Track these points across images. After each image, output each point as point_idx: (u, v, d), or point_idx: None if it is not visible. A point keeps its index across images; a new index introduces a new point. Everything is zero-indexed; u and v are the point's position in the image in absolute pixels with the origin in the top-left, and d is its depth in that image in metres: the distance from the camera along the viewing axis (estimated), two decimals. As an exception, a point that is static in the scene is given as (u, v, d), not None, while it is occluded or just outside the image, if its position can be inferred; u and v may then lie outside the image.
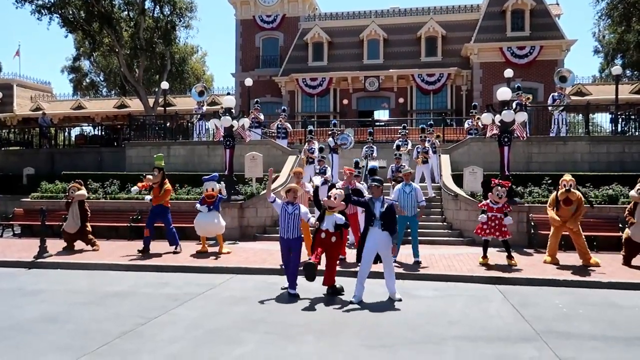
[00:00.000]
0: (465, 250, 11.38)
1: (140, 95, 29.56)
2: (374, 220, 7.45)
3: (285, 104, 28.32)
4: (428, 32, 28.34)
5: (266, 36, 31.13)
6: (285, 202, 8.07)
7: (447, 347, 5.63)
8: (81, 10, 27.93)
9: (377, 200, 7.55)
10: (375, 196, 7.60)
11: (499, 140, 12.27)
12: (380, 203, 7.51)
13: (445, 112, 26.71)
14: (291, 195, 8.08)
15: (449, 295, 7.96)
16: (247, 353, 5.46)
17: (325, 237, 7.63)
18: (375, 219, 7.44)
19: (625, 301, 7.58)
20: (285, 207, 8.01)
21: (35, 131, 24.79)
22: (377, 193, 7.60)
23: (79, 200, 11.81)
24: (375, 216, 7.44)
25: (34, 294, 8.11)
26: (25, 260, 10.48)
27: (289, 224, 7.92)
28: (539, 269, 9.48)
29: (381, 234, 7.40)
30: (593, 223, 11.32)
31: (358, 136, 20.48)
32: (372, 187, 7.69)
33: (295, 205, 8.03)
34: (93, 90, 49.44)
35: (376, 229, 7.42)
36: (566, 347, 5.58)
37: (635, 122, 17.93)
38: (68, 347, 5.59)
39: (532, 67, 25.90)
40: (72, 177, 16.30)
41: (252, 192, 13.91)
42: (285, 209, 7.99)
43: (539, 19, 26.52)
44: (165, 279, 9.05)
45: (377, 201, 7.54)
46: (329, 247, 7.66)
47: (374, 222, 7.46)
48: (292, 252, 7.97)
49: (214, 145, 17.71)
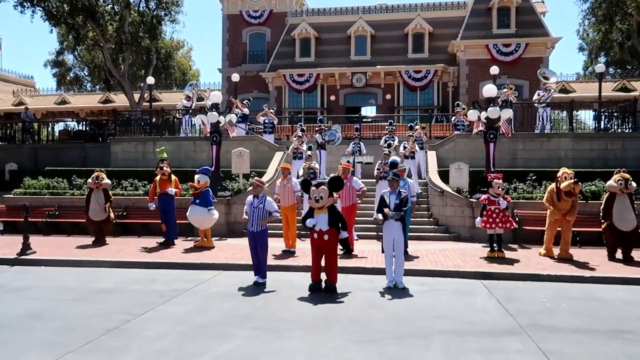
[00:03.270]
0: (451, 246, 11.48)
1: (126, 90, 29.21)
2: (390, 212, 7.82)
3: (273, 100, 28.24)
4: (415, 28, 28.44)
5: (253, 31, 30.98)
6: (252, 195, 8.12)
7: (434, 341, 5.69)
8: (65, 3, 27.47)
9: (393, 193, 7.98)
10: (392, 189, 8.05)
11: (485, 136, 12.39)
12: (395, 195, 7.94)
13: (432, 108, 26.87)
14: (256, 189, 8.21)
15: (435, 290, 8.04)
16: (235, 348, 5.47)
17: (318, 237, 7.64)
18: (391, 211, 7.82)
19: (607, 295, 7.72)
20: (251, 200, 8.08)
21: (18, 126, 24.41)
22: (394, 187, 8.04)
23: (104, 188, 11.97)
24: (391, 209, 7.83)
25: (18, 290, 8.00)
26: (8, 257, 10.32)
27: (254, 217, 8.03)
28: (524, 264, 9.61)
29: (394, 224, 7.86)
30: (576, 218, 11.44)
31: (345, 132, 20.50)
32: (391, 181, 8.11)
33: (260, 199, 8.09)
34: (77, 85, 48.68)
35: (392, 220, 7.85)
36: (550, 340, 5.68)
37: (617, 120, 18.23)
38: (53, 344, 5.54)
39: (518, 65, 26.14)
40: (55, 173, 16.14)
41: (239, 189, 13.87)
42: (251, 202, 8.06)
43: (525, 16, 26.76)
44: (152, 276, 9.00)
45: (393, 194, 7.97)
46: (324, 246, 7.66)
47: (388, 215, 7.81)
48: (258, 244, 8.09)
49: (200, 141, 17.61)
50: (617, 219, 9.76)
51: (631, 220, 9.73)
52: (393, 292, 7.79)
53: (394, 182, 8.10)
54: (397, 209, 7.85)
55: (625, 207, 9.78)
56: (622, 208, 9.77)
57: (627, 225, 9.72)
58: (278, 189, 10.92)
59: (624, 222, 9.71)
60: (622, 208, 9.77)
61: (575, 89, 27.88)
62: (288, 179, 10.84)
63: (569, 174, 9.89)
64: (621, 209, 9.77)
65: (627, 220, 9.72)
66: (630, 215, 9.75)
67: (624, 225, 9.72)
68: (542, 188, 12.86)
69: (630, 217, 9.73)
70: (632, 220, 9.73)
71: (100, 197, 11.96)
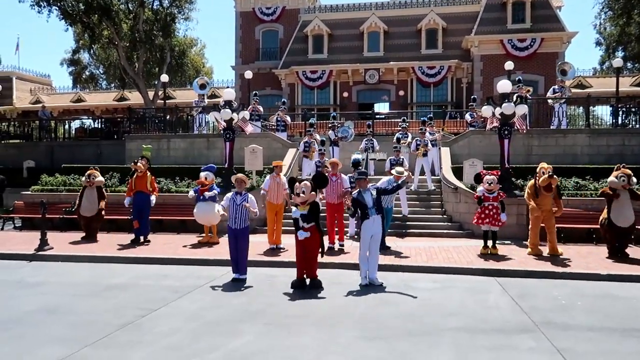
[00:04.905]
0: (464, 243, 11.40)
1: (140, 88, 29.49)
2: (369, 209, 7.76)
3: (285, 97, 28.26)
4: (428, 24, 28.23)
5: (266, 28, 31.02)
6: (234, 193, 8.13)
7: (445, 338, 5.67)
8: (80, 2, 27.80)
9: (366, 191, 7.89)
10: (363, 188, 7.94)
11: (499, 133, 12.25)
12: (369, 193, 7.87)
13: (446, 105, 26.67)
14: (239, 185, 8.22)
15: (448, 287, 7.99)
16: (246, 344, 5.50)
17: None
18: (370, 208, 7.76)
19: (622, 293, 7.61)
20: (234, 197, 8.12)
21: (35, 124, 24.75)
22: (363, 185, 7.97)
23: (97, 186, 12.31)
24: (368, 206, 7.76)
25: (35, 286, 8.15)
26: (26, 252, 10.51)
27: (237, 214, 8.07)
28: (538, 261, 9.51)
29: (376, 219, 7.80)
30: (592, 215, 11.27)
31: (358, 129, 20.44)
32: (360, 181, 8.02)
33: (243, 196, 8.12)
34: (92, 83, 49.28)
35: (373, 215, 7.77)
36: (563, 338, 5.62)
37: (635, 115, 17.89)
38: (68, 339, 5.63)
39: (533, 60, 25.80)
40: (72, 170, 16.35)
41: (252, 185, 13.91)
42: (234, 199, 8.08)
43: (540, 11, 26.39)
44: (165, 272, 9.09)
45: (366, 192, 7.89)
46: (306, 244, 7.67)
47: (368, 213, 7.76)
48: (239, 241, 8.14)
49: (213, 138, 17.69)
50: (616, 215, 9.59)
51: (630, 216, 9.55)
52: (403, 289, 7.74)
53: (362, 182, 7.99)
54: (377, 202, 7.81)
55: (624, 203, 9.61)
56: (622, 204, 9.60)
57: (625, 222, 9.54)
58: (267, 184, 10.85)
59: (623, 218, 9.53)
60: (621, 204, 9.60)
61: (592, 84, 27.46)
62: (280, 176, 10.89)
63: (546, 169, 9.72)
64: (620, 205, 9.60)
65: (626, 216, 9.55)
66: (629, 211, 9.57)
67: (623, 222, 9.54)
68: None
69: (629, 214, 9.56)
70: (630, 217, 9.55)
71: (93, 194, 12.24)
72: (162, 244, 11.46)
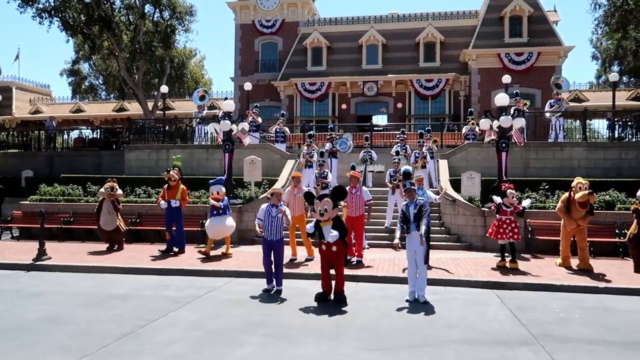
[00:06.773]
0: (463, 255, 11.44)
1: (140, 98, 29.60)
2: (410, 224, 7.65)
3: (284, 109, 28.39)
4: (427, 37, 28.51)
5: (265, 41, 31.26)
6: (269, 205, 8.18)
7: (447, 350, 5.68)
8: (81, 14, 28.00)
9: (411, 204, 7.77)
10: (410, 200, 7.83)
11: (497, 145, 12.36)
12: (413, 206, 7.73)
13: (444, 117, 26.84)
14: (275, 198, 8.29)
15: (447, 299, 8.01)
16: (248, 355, 5.51)
17: (326, 249, 7.67)
18: (410, 223, 7.64)
19: (621, 306, 7.65)
20: (269, 209, 8.16)
21: (34, 134, 24.78)
22: (412, 197, 7.84)
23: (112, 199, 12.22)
24: (410, 220, 7.64)
25: (35, 295, 8.13)
26: (24, 262, 10.48)
27: (272, 226, 8.11)
28: (537, 273, 9.53)
29: (414, 235, 7.62)
30: (590, 228, 11.35)
31: (356, 141, 20.54)
32: (409, 192, 7.89)
33: (278, 208, 8.16)
34: (92, 93, 49.45)
35: (413, 232, 7.63)
36: (563, 351, 5.65)
37: (632, 129, 18.06)
38: (69, 348, 5.63)
39: (530, 74, 26.05)
40: (71, 180, 16.38)
41: (250, 196, 13.96)
42: (270, 211, 8.14)
43: (537, 25, 26.70)
44: (166, 282, 9.09)
45: (411, 204, 7.77)
46: (331, 257, 7.69)
47: (410, 227, 7.66)
48: (274, 252, 8.18)
49: (213, 149, 17.77)
50: None
51: None
52: (403, 300, 7.74)
53: (412, 192, 7.93)
54: (416, 219, 7.62)
55: None
56: None
57: None
58: (287, 197, 10.90)
59: None
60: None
61: (588, 97, 27.71)
62: (299, 188, 10.84)
63: (584, 184, 9.70)
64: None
65: None
66: None
67: None
68: (554, 197, 12.78)
69: None
70: None
71: (111, 206, 12.13)
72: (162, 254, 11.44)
